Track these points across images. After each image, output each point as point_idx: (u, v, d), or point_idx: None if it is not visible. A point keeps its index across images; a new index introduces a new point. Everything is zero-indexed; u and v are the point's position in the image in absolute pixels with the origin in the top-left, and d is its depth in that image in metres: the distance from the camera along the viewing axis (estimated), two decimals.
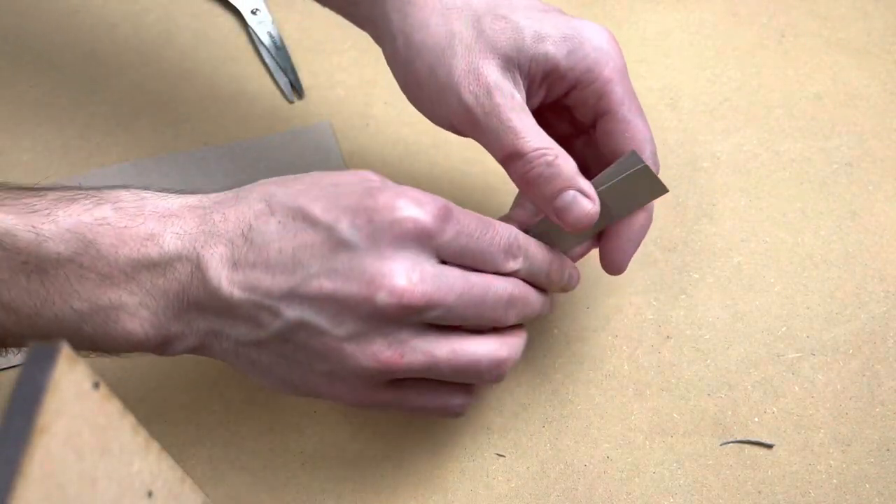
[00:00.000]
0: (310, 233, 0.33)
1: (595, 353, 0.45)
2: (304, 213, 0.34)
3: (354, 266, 0.33)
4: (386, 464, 0.42)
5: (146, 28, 0.60)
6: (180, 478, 0.28)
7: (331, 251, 0.33)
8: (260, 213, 0.34)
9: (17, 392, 0.20)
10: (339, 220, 0.33)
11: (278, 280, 0.33)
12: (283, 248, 0.33)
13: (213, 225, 0.34)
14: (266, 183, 0.36)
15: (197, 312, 0.34)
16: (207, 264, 0.34)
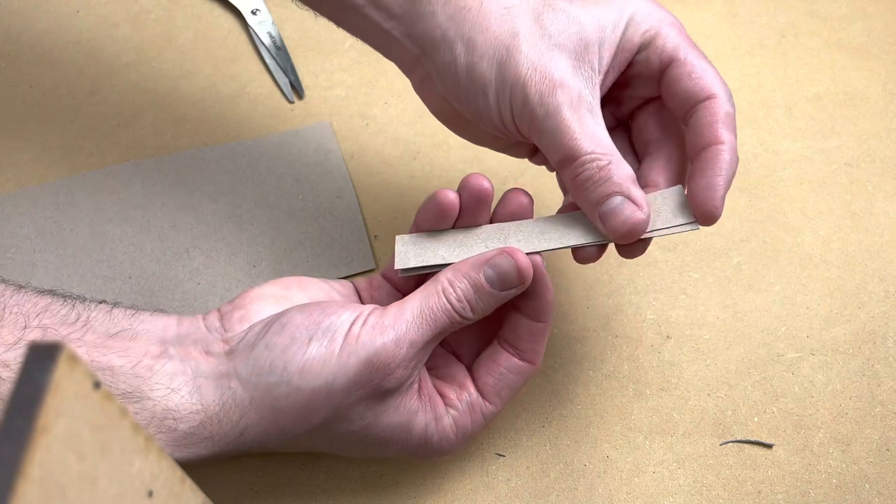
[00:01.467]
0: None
1: (595, 353, 0.45)
2: (353, 455, 0.39)
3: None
4: (386, 464, 0.42)
5: (146, 28, 0.60)
6: (180, 478, 0.28)
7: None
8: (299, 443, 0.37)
9: (17, 392, 0.20)
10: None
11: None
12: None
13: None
14: (300, 441, 0.37)
15: None
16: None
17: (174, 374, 0.35)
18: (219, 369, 0.35)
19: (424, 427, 0.36)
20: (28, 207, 0.51)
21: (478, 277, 0.36)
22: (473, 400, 0.38)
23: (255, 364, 0.35)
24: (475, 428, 0.38)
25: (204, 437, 0.34)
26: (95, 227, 0.50)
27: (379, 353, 0.34)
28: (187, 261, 0.49)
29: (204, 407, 0.34)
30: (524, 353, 0.38)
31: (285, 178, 0.52)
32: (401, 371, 0.35)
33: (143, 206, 0.51)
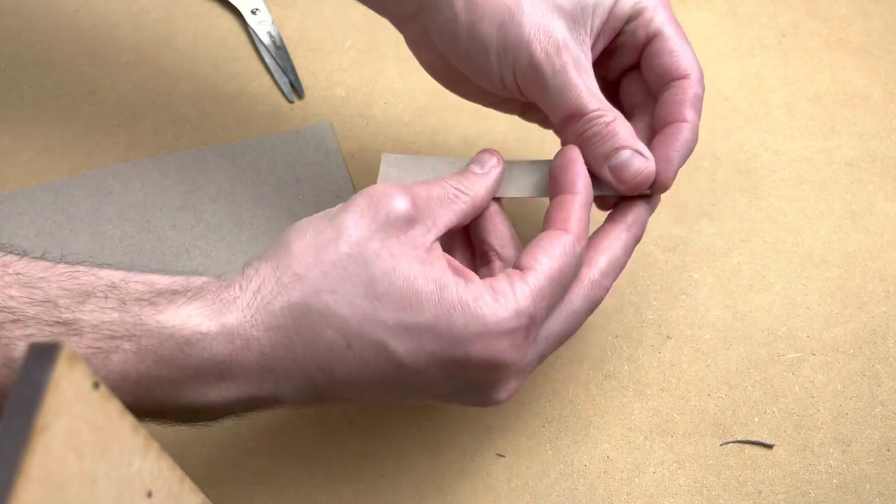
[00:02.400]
0: (398, 372, 0.33)
1: (595, 353, 0.45)
2: (388, 352, 0.33)
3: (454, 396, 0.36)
4: (386, 464, 0.42)
5: (146, 28, 0.60)
6: (180, 478, 0.28)
7: (424, 387, 0.34)
8: (335, 347, 0.33)
9: (17, 392, 0.20)
10: (430, 368, 0.33)
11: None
12: (372, 380, 0.33)
13: (285, 371, 0.33)
14: (320, 291, 0.33)
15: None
16: (294, 403, 0.34)
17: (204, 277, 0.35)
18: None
19: (455, 284, 0.33)
20: (28, 207, 0.51)
21: (462, 169, 0.38)
22: (506, 271, 0.35)
23: (270, 246, 0.35)
24: (520, 296, 0.33)
25: (231, 298, 0.33)
26: (95, 227, 0.50)
27: (375, 188, 0.35)
28: (187, 261, 0.49)
29: (226, 276, 0.34)
30: (549, 223, 0.37)
31: (285, 178, 0.52)
32: (402, 202, 0.34)
33: (142, 206, 0.51)
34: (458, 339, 0.32)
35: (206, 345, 0.32)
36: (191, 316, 0.32)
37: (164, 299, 0.33)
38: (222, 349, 0.32)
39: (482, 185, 0.38)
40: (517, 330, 0.33)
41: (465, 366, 0.33)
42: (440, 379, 0.34)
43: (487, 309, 0.33)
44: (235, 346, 0.32)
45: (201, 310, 0.32)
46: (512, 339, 0.33)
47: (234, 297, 0.33)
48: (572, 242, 0.35)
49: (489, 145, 0.53)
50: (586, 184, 0.37)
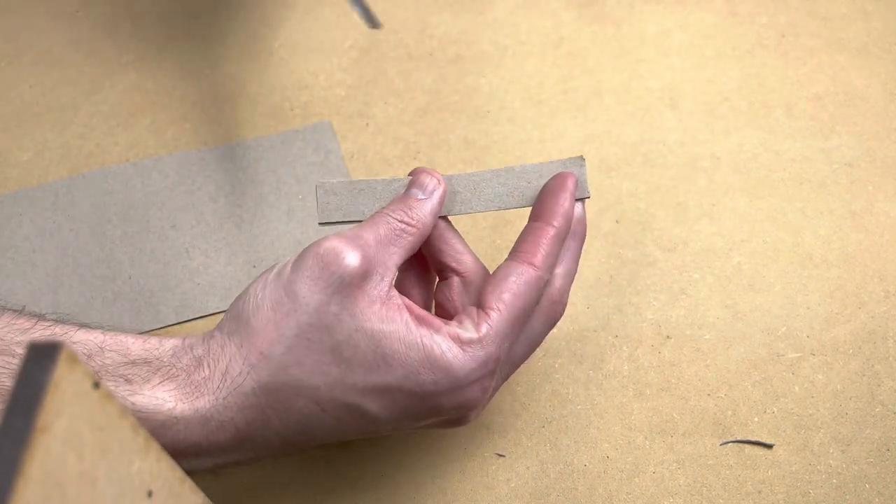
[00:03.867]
0: (373, 425, 0.35)
1: (595, 353, 0.45)
2: (362, 411, 0.34)
3: (429, 427, 0.37)
4: (386, 464, 0.42)
5: (146, 28, 0.60)
6: (180, 478, 0.28)
7: (401, 429, 0.36)
8: (311, 414, 0.34)
9: (17, 391, 0.20)
10: (403, 420, 0.35)
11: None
12: (349, 432, 0.35)
13: (262, 440, 0.34)
14: (287, 367, 0.33)
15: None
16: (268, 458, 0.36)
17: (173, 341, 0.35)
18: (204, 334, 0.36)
19: (420, 339, 0.33)
20: (28, 207, 0.51)
21: (403, 194, 0.38)
22: (470, 310, 0.35)
23: (228, 316, 0.35)
24: (486, 342, 0.34)
25: (201, 380, 0.33)
26: (95, 227, 0.50)
27: (322, 244, 0.34)
28: (187, 261, 0.49)
29: (193, 348, 0.34)
30: (520, 254, 0.36)
31: (285, 178, 0.52)
32: (353, 258, 0.33)
33: (142, 206, 0.51)
34: (429, 394, 0.34)
35: (181, 428, 0.33)
36: (165, 400, 0.33)
37: (138, 376, 0.33)
38: (197, 432, 0.33)
39: (426, 210, 0.37)
40: (484, 376, 0.34)
41: (438, 412, 0.35)
42: (413, 423, 0.35)
43: (456, 362, 0.33)
44: (210, 428, 0.33)
45: (173, 392, 0.33)
46: (480, 384, 0.34)
47: (204, 379, 0.33)
48: (538, 279, 0.36)
49: (489, 146, 0.53)
50: (566, 217, 0.37)
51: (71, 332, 0.34)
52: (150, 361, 0.34)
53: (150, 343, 0.34)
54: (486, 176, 0.40)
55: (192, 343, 0.34)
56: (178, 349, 0.34)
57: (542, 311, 0.37)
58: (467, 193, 0.39)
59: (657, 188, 0.52)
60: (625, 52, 0.58)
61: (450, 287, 0.38)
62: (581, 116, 0.55)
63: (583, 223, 0.39)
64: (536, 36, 0.59)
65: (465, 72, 0.57)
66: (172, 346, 0.34)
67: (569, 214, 0.37)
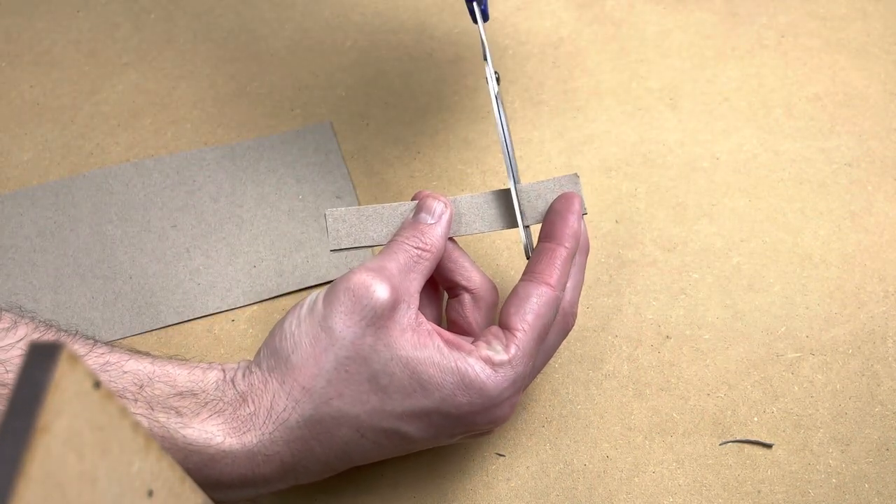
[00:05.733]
0: (411, 445, 0.37)
1: (595, 353, 0.45)
2: (401, 434, 0.36)
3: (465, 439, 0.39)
4: (386, 463, 0.42)
5: (146, 28, 0.60)
6: (180, 477, 0.28)
7: (436, 445, 0.38)
8: (350, 441, 0.35)
9: (17, 391, 0.20)
10: (440, 438, 0.37)
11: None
12: (387, 454, 0.37)
13: (304, 469, 0.36)
14: (329, 399, 0.35)
15: None
16: (306, 482, 0.37)
17: (215, 373, 0.37)
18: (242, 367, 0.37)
19: (454, 363, 0.35)
20: (28, 207, 0.51)
21: (413, 219, 0.40)
22: (496, 331, 0.37)
23: (264, 352, 0.36)
24: (515, 363, 0.36)
25: (247, 415, 0.35)
26: (96, 227, 0.50)
27: (352, 279, 0.35)
28: (188, 261, 0.49)
29: (235, 382, 0.36)
30: (537, 274, 0.38)
31: (285, 178, 0.52)
32: (382, 291, 0.35)
33: (143, 207, 0.51)
34: (464, 414, 0.35)
35: (230, 461, 0.34)
36: (214, 434, 0.34)
37: (188, 409, 0.35)
38: (244, 465, 0.34)
39: (437, 234, 0.39)
40: (514, 393, 0.37)
41: (472, 428, 0.37)
42: (447, 440, 0.38)
43: (490, 383, 0.35)
44: (257, 461, 0.35)
45: (222, 426, 0.34)
46: (510, 401, 0.37)
47: (250, 415, 0.35)
48: (556, 298, 0.38)
49: (489, 146, 0.53)
50: (575, 237, 0.39)
51: (123, 362, 0.36)
52: (197, 394, 0.35)
53: (194, 375, 0.36)
54: (489, 197, 0.42)
55: (232, 377, 0.36)
56: (221, 382, 0.36)
57: (557, 324, 0.39)
58: (471, 215, 0.41)
59: (657, 188, 0.52)
60: (625, 52, 0.58)
61: (461, 304, 0.40)
62: (581, 116, 0.55)
63: (586, 238, 0.41)
64: (536, 36, 0.59)
65: (465, 72, 0.57)
66: (215, 378, 0.36)
67: (577, 234, 0.39)
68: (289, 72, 0.58)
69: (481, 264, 0.48)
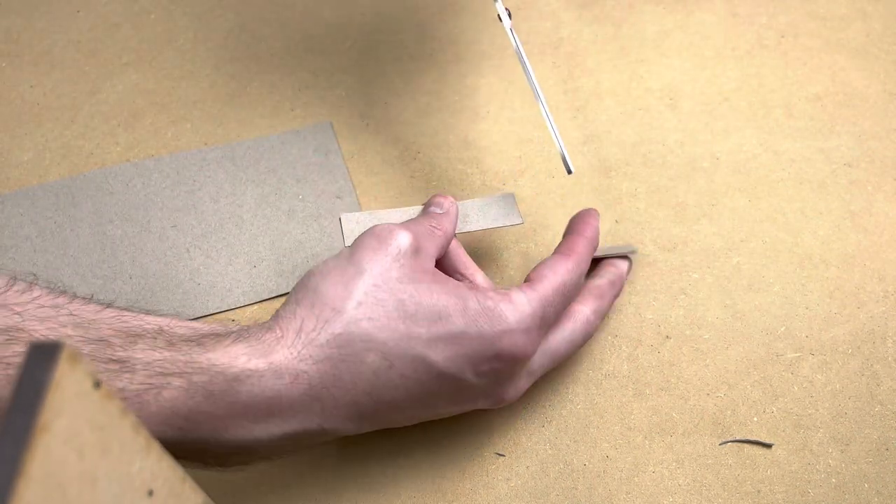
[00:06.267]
0: (436, 382, 0.37)
1: (595, 353, 0.45)
2: (428, 363, 0.36)
3: (480, 397, 0.39)
4: (386, 463, 0.42)
5: (146, 28, 0.60)
6: (181, 477, 0.28)
7: (458, 392, 0.38)
8: (379, 370, 0.36)
9: (18, 391, 0.20)
10: (464, 371, 0.37)
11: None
12: (413, 395, 0.37)
13: (332, 400, 0.35)
14: (359, 320, 0.35)
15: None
16: (336, 431, 0.37)
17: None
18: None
19: (475, 297, 0.37)
20: (28, 207, 0.51)
21: (423, 213, 0.43)
22: (512, 285, 0.40)
23: (291, 295, 0.37)
24: (532, 299, 0.38)
25: (274, 339, 0.35)
26: (96, 227, 0.50)
27: (377, 227, 0.39)
28: (188, 261, 0.49)
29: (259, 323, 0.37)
30: (560, 251, 0.42)
31: (285, 178, 0.52)
32: (404, 236, 0.38)
33: (143, 207, 0.51)
34: (487, 339, 0.37)
35: (256, 381, 0.34)
36: (238, 355, 0.34)
37: (210, 340, 0.35)
38: (271, 385, 0.34)
39: (447, 221, 0.42)
40: (532, 327, 0.38)
41: (494, 361, 0.37)
42: (472, 381, 0.37)
43: (508, 311, 0.37)
44: (284, 381, 0.34)
45: (247, 350, 0.34)
46: (528, 335, 0.38)
47: (278, 338, 0.35)
48: (576, 263, 0.41)
49: (488, 146, 0.53)
50: (595, 232, 0.43)
51: (142, 315, 0.36)
52: (219, 333, 0.35)
53: (216, 326, 0.36)
54: (491, 200, 0.45)
55: (257, 321, 0.37)
56: (247, 327, 0.36)
57: (581, 324, 0.42)
58: (474, 215, 0.45)
59: (657, 188, 0.52)
60: (625, 52, 0.58)
61: None
62: (581, 116, 0.55)
63: (622, 279, 0.45)
64: (536, 36, 0.59)
65: (465, 72, 0.57)
66: (241, 326, 0.36)
67: (595, 231, 0.43)
68: (289, 72, 0.58)
69: (481, 263, 0.48)
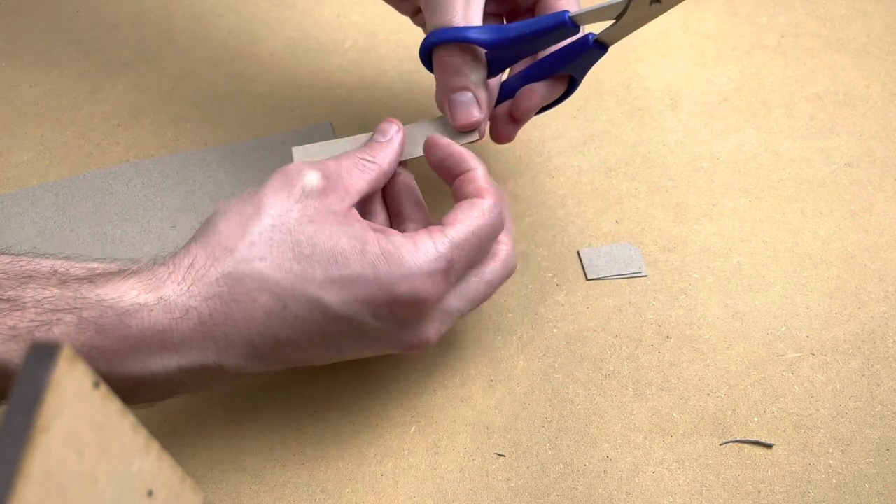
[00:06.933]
0: (334, 324, 0.36)
1: (595, 353, 0.45)
2: (323, 306, 0.35)
3: (388, 341, 0.37)
4: (386, 464, 0.42)
5: (146, 28, 0.60)
6: (180, 477, 0.28)
7: (360, 335, 0.37)
8: (272, 311, 0.35)
9: (17, 391, 0.20)
10: (362, 315, 0.36)
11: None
12: (311, 336, 0.36)
13: (225, 339, 0.35)
14: (250, 260, 0.35)
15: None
16: (238, 368, 0.36)
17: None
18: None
19: (376, 240, 0.36)
20: (28, 207, 0.51)
21: (369, 142, 0.41)
22: (423, 223, 0.40)
23: (198, 230, 0.37)
24: (439, 244, 0.36)
25: (165, 274, 0.35)
26: (95, 227, 0.50)
27: (288, 165, 0.38)
28: None
29: (156, 259, 0.36)
30: (468, 194, 0.40)
31: None
32: (313, 175, 0.37)
33: (143, 207, 0.51)
34: (384, 284, 0.35)
35: (145, 315, 0.34)
36: (128, 290, 0.34)
37: (102, 278, 0.35)
38: (161, 319, 0.34)
39: (387, 151, 0.41)
40: (436, 272, 0.36)
41: (393, 306, 0.36)
42: (373, 324, 0.36)
43: (408, 255, 0.36)
44: (174, 316, 0.34)
45: (137, 285, 0.34)
46: (432, 279, 0.36)
47: (169, 273, 0.35)
48: (491, 206, 0.39)
49: (489, 146, 0.53)
50: (477, 159, 0.41)
51: (37, 260, 0.35)
52: (114, 271, 0.35)
53: (114, 264, 0.36)
54: (438, 122, 0.43)
55: (154, 256, 0.37)
56: (142, 259, 0.36)
57: (501, 260, 0.40)
58: (424, 138, 0.42)
59: (657, 188, 0.52)
60: (625, 52, 0.58)
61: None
62: (581, 116, 0.55)
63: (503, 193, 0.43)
64: None
65: None
66: (139, 264, 0.36)
67: (474, 156, 0.41)
68: (289, 72, 0.58)
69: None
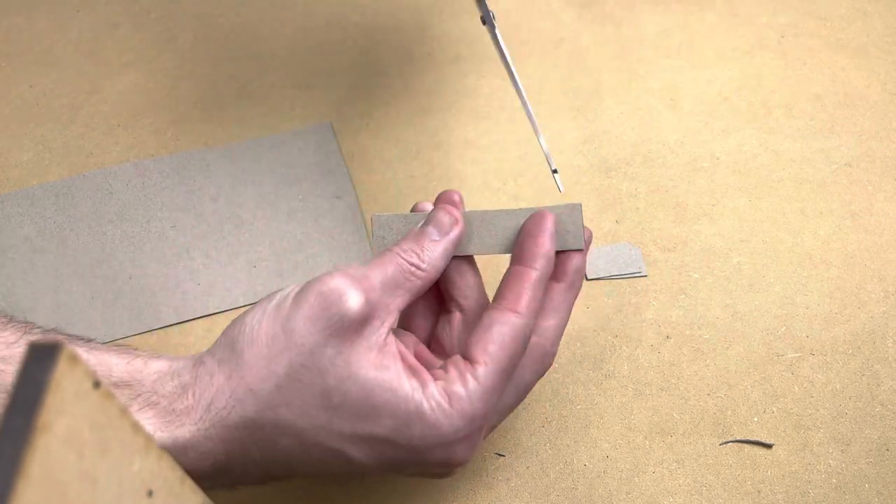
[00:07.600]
0: (357, 469, 0.34)
1: (595, 353, 0.45)
2: (347, 456, 0.33)
3: (417, 477, 0.36)
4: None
5: (146, 28, 0.60)
6: (180, 477, 0.28)
7: (383, 475, 0.35)
8: (293, 453, 0.33)
9: (17, 391, 0.20)
10: (389, 470, 0.34)
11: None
12: (332, 472, 0.34)
13: (241, 471, 0.34)
14: (275, 406, 0.32)
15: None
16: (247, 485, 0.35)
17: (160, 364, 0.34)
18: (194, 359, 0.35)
19: (411, 392, 0.32)
20: (28, 207, 0.51)
21: (419, 230, 0.37)
22: (456, 360, 0.34)
23: (221, 342, 0.34)
24: (473, 399, 0.33)
25: (183, 409, 0.33)
26: (95, 227, 0.50)
27: (327, 282, 0.33)
28: (188, 261, 0.49)
29: (179, 374, 0.33)
30: (502, 300, 0.35)
31: (285, 178, 0.52)
32: (356, 301, 0.32)
33: (143, 207, 0.51)
34: (415, 449, 0.33)
35: None
36: (144, 423, 0.32)
37: (121, 398, 0.32)
38: (175, 458, 0.32)
39: (437, 253, 0.36)
40: (471, 434, 0.34)
41: (424, 466, 0.34)
42: (396, 473, 0.35)
43: (445, 420, 0.33)
44: (188, 458, 0.32)
45: (153, 420, 0.32)
46: (468, 441, 0.34)
47: (187, 408, 0.32)
48: (523, 327, 0.35)
49: (488, 147, 0.53)
50: (548, 259, 0.36)
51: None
52: (132, 385, 0.33)
53: (134, 365, 0.33)
54: (502, 215, 0.38)
55: (178, 369, 0.33)
56: (164, 374, 0.33)
57: (533, 360, 0.36)
58: (483, 232, 0.39)
59: (657, 188, 0.52)
60: (625, 52, 0.58)
61: (451, 323, 0.38)
62: (581, 116, 0.55)
63: (581, 275, 0.38)
64: (536, 36, 0.59)
65: (465, 72, 0.57)
66: (157, 369, 0.33)
67: (550, 255, 0.36)
68: (289, 72, 0.58)
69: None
